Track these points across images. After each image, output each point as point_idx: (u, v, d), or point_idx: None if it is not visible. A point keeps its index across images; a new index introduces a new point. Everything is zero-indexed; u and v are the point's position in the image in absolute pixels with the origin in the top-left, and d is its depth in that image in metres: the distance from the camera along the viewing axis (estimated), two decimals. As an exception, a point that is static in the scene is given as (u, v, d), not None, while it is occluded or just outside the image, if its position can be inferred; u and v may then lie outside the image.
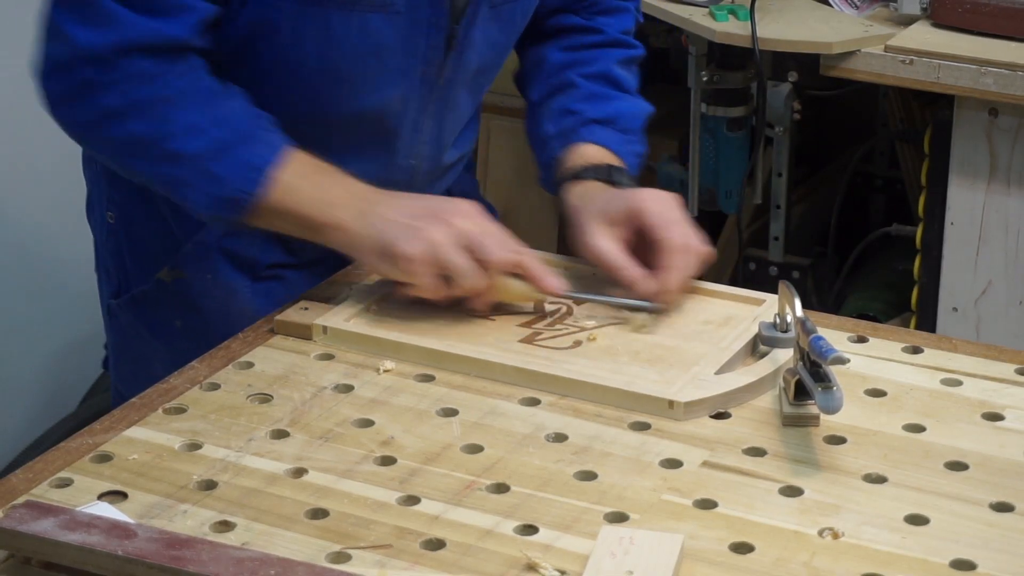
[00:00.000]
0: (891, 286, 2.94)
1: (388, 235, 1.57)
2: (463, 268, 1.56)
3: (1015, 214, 2.57)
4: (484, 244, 1.57)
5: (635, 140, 1.83)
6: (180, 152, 1.58)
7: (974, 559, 1.24)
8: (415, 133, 1.76)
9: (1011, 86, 2.46)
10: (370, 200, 1.61)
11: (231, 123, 1.61)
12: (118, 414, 1.46)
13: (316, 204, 1.60)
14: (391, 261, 1.58)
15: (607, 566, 1.20)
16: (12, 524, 1.22)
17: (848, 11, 2.72)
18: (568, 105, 1.83)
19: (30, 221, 2.94)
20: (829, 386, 1.39)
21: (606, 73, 1.86)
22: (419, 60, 1.70)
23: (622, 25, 1.91)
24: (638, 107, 1.87)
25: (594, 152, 1.78)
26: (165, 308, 1.80)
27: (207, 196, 1.60)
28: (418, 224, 1.57)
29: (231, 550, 1.20)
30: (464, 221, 1.58)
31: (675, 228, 1.63)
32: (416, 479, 1.35)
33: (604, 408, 1.47)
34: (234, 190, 1.59)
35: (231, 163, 1.59)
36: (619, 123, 1.82)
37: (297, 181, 1.60)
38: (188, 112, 1.59)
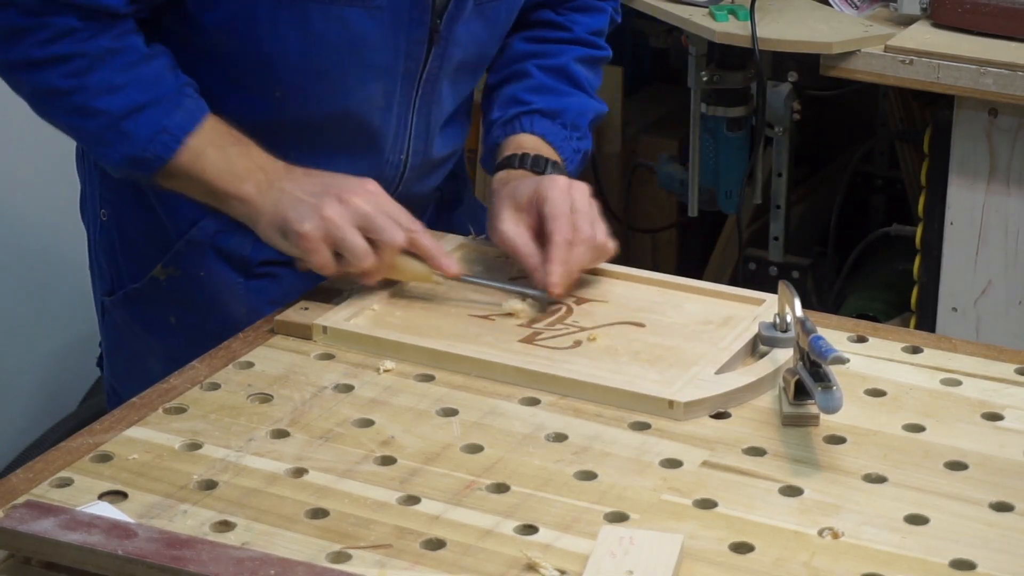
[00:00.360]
0: (891, 286, 2.94)
1: (285, 211, 1.61)
2: (355, 247, 1.59)
3: (1015, 214, 2.57)
4: (378, 224, 1.60)
5: (579, 136, 1.83)
6: (94, 108, 1.63)
7: (974, 559, 1.24)
8: (401, 129, 1.77)
9: (1011, 86, 2.45)
10: (274, 174, 1.65)
11: (150, 85, 1.64)
12: (118, 414, 1.46)
13: (222, 174, 1.64)
14: (286, 237, 1.61)
15: (607, 566, 1.21)
16: (12, 524, 1.22)
17: (848, 11, 2.72)
18: (517, 93, 1.84)
19: (29, 221, 2.94)
20: (829, 386, 1.39)
21: (563, 67, 1.86)
22: (401, 55, 1.71)
23: (594, 25, 1.91)
24: (588, 105, 1.87)
25: (530, 142, 1.79)
26: (159, 305, 1.82)
27: (118, 154, 1.64)
28: (315, 201, 1.60)
29: (231, 550, 1.20)
30: (362, 200, 1.61)
31: (562, 220, 1.63)
32: (416, 479, 1.35)
33: (604, 408, 1.47)
34: (143, 151, 1.63)
35: (143, 124, 1.63)
36: (564, 117, 1.82)
37: (207, 149, 1.64)
38: (107, 71, 1.63)
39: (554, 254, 1.63)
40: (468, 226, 1.84)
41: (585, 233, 1.64)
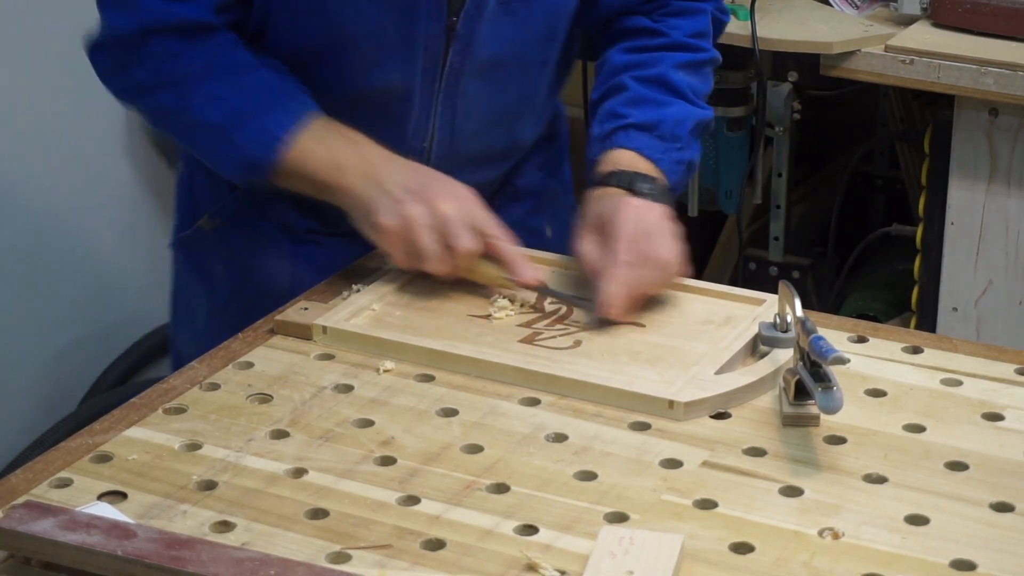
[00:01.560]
0: (891, 286, 2.94)
1: (374, 201, 1.65)
2: (428, 250, 1.62)
3: (1015, 214, 2.57)
4: (454, 231, 1.62)
5: (679, 147, 1.79)
6: (201, 121, 1.70)
7: (974, 559, 1.24)
8: (423, 118, 1.78)
9: (1011, 86, 2.45)
10: (377, 165, 1.68)
11: (250, 93, 1.70)
12: (118, 414, 1.46)
13: (327, 167, 1.69)
14: (371, 228, 1.65)
15: (607, 566, 1.20)
16: (12, 524, 1.22)
17: (848, 11, 2.72)
18: (614, 108, 1.81)
19: (30, 221, 2.94)
20: (829, 386, 1.39)
21: (661, 77, 1.82)
22: (419, 48, 1.73)
23: (693, 27, 1.87)
24: (688, 113, 1.82)
25: (626, 157, 1.76)
26: (206, 254, 1.90)
27: (229, 160, 1.71)
28: (402, 197, 1.64)
29: (231, 550, 1.20)
30: (447, 203, 1.63)
31: (622, 242, 1.62)
32: (416, 479, 1.35)
33: (604, 408, 1.47)
34: (250, 155, 1.69)
35: (248, 130, 1.69)
36: (660, 129, 1.78)
37: (312, 145, 1.69)
38: (209, 84, 1.69)
39: (612, 274, 1.61)
40: (545, 228, 1.84)
41: (647, 255, 1.63)
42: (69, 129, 2.95)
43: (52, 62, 2.88)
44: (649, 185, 1.72)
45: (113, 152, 3.09)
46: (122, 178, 3.11)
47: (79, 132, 2.98)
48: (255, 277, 1.85)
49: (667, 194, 1.73)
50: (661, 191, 1.72)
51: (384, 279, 1.70)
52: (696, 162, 1.83)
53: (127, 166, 3.12)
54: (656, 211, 1.67)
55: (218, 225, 1.87)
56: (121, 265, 3.12)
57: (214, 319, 1.88)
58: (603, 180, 1.74)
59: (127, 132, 3.10)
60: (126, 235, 3.13)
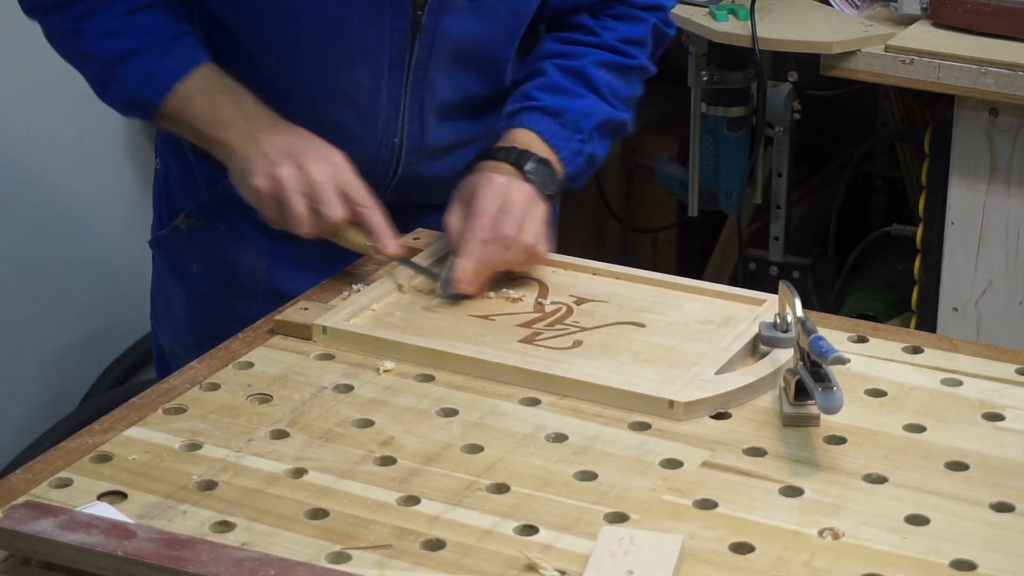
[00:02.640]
0: (891, 286, 2.94)
1: (249, 161, 1.68)
2: (294, 212, 1.66)
3: (1015, 214, 2.57)
4: (323, 196, 1.66)
5: (581, 138, 1.81)
6: (92, 52, 1.74)
7: (974, 559, 1.24)
8: (393, 112, 1.79)
9: (1011, 86, 2.45)
10: (257, 124, 1.71)
11: (144, 32, 1.73)
12: (118, 414, 1.46)
13: (207, 119, 1.73)
14: (245, 187, 1.70)
15: (607, 566, 1.20)
16: (12, 524, 1.22)
17: (848, 11, 2.72)
18: (528, 89, 1.84)
19: (30, 222, 2.94)
20: (829, 386, 1.39)
21: (580, 69, 1.85)
22: (386, 42, 1.74)
23: (628, 33, 1.89)
24: (597, 108, 1.84)
25: (524, 137, 1.78)
26: (183, 252, 1.91)
27: (114, 95, 1.76)
28: (276, 159, 1.67)
29: (231, 550, 1.20)
30: (318, 168, 1.66)
31: (480, 218, 1.65)
32: (416, 479, 1.35)
33: (604, 408, 1.47)
34: (134, 93, 1.73)
35: (135, 68, 1.73)
36: (565, 116, 1.81)
37: (195, 95, 1.72)
38: (105, 17, 1.73)
39: (465, 249, 1.65)
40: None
41: (502, 232, 1.65)
42: (69, 129, 2.95)
43: (52, 62, 2.88)
44: (535, 164, 1.74)
45: (113, 152, 3.09)
46: (122, 178, 3.11)
47: (79, 132, 2.98)
48: (232, 274, 1.87)
49: (555, 179, 1.76)
50: (549, 174, 1.75)
51: (384, 279, 1.70)
52: (599, 158, 1.85)
53: (127, 166, 3.12)
54: (521, 190, 1.69)
55: (194, 224, 1.88)
56: (121, 265, 3.12)
57: (191, 315, 1.90)
58: (491, 154, 1.76)
59: (127, 132, 3.10)
60: (126, 235, 3.13)
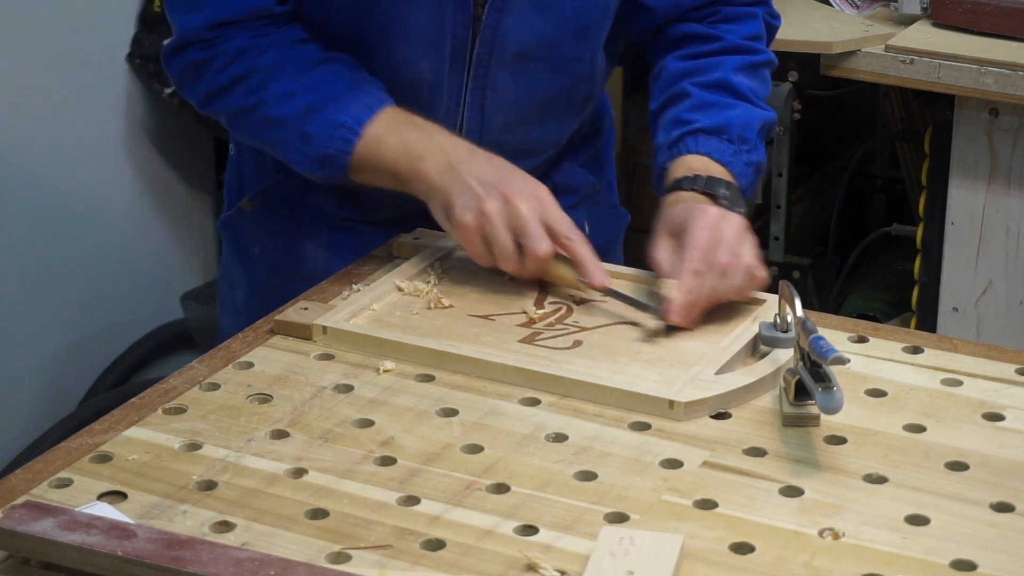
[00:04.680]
0: (891, 286, 2.94)
1: (453, 194, 1.65)
2: (502, 249, 1.63)
3: (1015, 214, 2.57)
4: (529, 231, 1.62)
5: (747, 149, 1.78)
6: (275, 117, 1.72)
7: (974, 559, 1.24)
8: (452, 105, 1.80)
9: (1012, 86, 2.45)
10: (455, 155, 1.68)
11: (322, 87, 1.72)
12: (118, 414, 1.46)
13: (403, 156, 1.69)
14: (448, 221, 1.66)
15: (607, 566, 1.20)
16: (11, 524, 1.22)
17: (848, 11, 2.72)
18: (679, 115, 1.80)
19: (30, 222, 2.95)
20: (829, 386, 1.39)
21: (722, 81, 1.82)
22: (447, 35, 1.75)
23: (746, 31, 1.87)
24: (753, 115, 1.81)
25: (698, 162, 1.75)
26: (246, 234, 1.93)
27: (304, 156, 1.72)
28: (482, 192, 1.64)
29: (231, 550, 1.20)
30: (524, 203, 1.63)
31: (695, 251, 1.60)
32: (416, 479, 1.35)
33: (604, 408, 1.47)
34: (325, 148, 1.70)
35: (320, 123, 1.70)
36: (729, 132, 1.77)
37: (386, 136, 1.70)
38: (281, 81, 1.72)
39: (678, 283, 1.60)
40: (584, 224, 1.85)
41: (718, 262, 1.60)
42: (69, 130, 2.95)
43: (53, 62, 2.89)
44: (725, 189, 1.71)
45: (113, 152, 3.09)
46: (122, 178, 3.11)
47: (79, 133, 2.98)
48: (291, 260, 1.88)
49: (741, 197, 1.73)
50: (736, 194, 1.72)
51: (384, 279, 1.70)
52: (764, 164, 1.82)
53: (127, 166, 3.13)
54: (732, 221, 1.65)
55: (258, 207, 1.89)
56: (121, 265, 3.12)
57: (252, 299, 1.91)
58: (678, 185, 1.73)
59: (127, 132, 3.10)
60: (126, 235, 3.13)
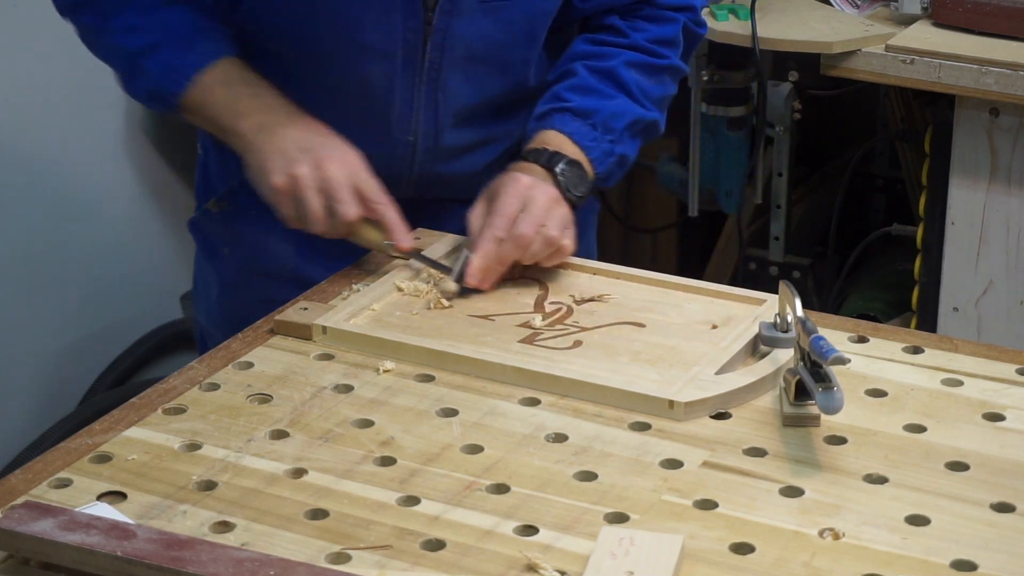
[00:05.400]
0: (891, 286, 2.94)
1: (268, 158, 1.70)
2: (310, 211, 1.68)
3: (1016, 214, 2.56)
4: (338, 195, 1.67)
5: (611, 139, 1.82)
6: (117, 45, 1.79)
7: (975, 559, 1.24)
8: (407, 110, 1.80)
9: (1012, 86, 2.45)
10: (274, 116, 1.73)
11: (169, 27, 1.77)
12: (117, 414, 1.46)
13: (225, 110, 1.75)
14: (262, 183, 1.72)
15: (607, 566, 1.20)
16: (11, 524, 1.22)
17: (848, 11, 2.72)
18: (558, 91, 1.85)
19: (30, 222, 2.94)
20: (830, 386, 1.39)
21: (610, 70, 1.86)
22: (398, 41, 1.75)
23: (659, 33, 1.90)
24: (628, 109, 1.85)
25: (555, 139, 1.80)
26: (215, 235, 1.95)
27: (139, 88, 1.80)
28: (294, 156, 1.69)
29: (231, 551, 1.20)
30: (335, 167, 1.68)
31: (499, 217, 1.67)
32: (416, 479, 1.35)
33: (604, 408, 1.47)
34: (157, 85, 1.77)
35: (158, 62, 1.76)
36: (595, 118, 1.82)
37: (217, 87, 1.75)
38: (129, 13, 1.77)
39: (477, 246, 1.67)
40: None
41: (520, 231, 1.67)
42: (69, 129, 2.95)
43: (52, 62, 2.88)
44: (565, 166, 1.76)
45: (113, 152, 3.09)
46: (122, 178, 3.11)
47: (79, 132, 2.98)
48: (260, 259, 1.89)
49: (586, 180, 1.78)
50: (579, 176, 1.77)
51: (384, 279, 1.70)
52: (630, 159, 1.86)
53: (127, 166, 3.12)
54: (544, 191, 1.71)
55: (224, 208, 1.91)
56: (121, 265, 3.12)
57: (223, 295, 1.94)
58: (524, 156, 1.78)
59: (127, 132, 3.10)
60: (126, 235, 3.13)
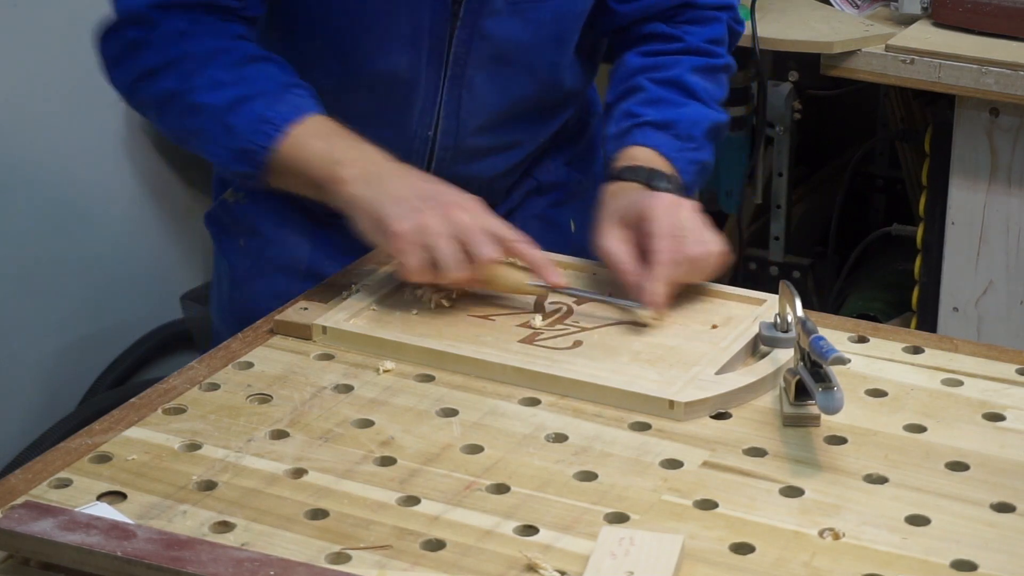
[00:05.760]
0: (891, 286, 2.94)
1: (386, 206, 1.61)
2: (449, 257, 1.58)
3: (1016, 214, 2.56)
4: (475, 238, 1.59)
5: (693, 147, 1.81)
6: (201, 104, 1.67)
7: (975, 560, 1.24)
8: (429, 104, 1.79)
9: (1012, 86, 2.45)
10: (378, 166, 1.65)
11: (254, 82, 1.68)
12: (118, 414, 1.46)
13: (323, 161, 1.65)
14: (382, 233, 1.61)
15: (607, 567, 1.20)
16: (11, 525, 1.22)
17: (849, 10, 2.72)
18: (630, 107, 1.82)
19: (30, 222, 2.94)
20: (830, 386, 1.39)
21: (677, 79, 1.84)
22: (424, 32, 1.74)
23: (709, 34, 1.89)
24: (703, 115, 1.84)
25: (643, 154, 1.77)
26: (231, 227, 1.91)
27: (223, 148, 1.68)
28: (417, 204, 1.60)
29: (231, 551, 1.20)
30: (462, 213, 1.61)
31: (667, 240, 1.62)
32: (416, 479, 1.35)
33: (604, 408, 1.47)
34: (246, 141, 1.66)
35: (246, 115, 1.66)
36: (676, 128, 1.80)
37: (309, 139, 1.66)
38: (214, 69, 1.67)
39: (658, 273, 1.60)
40: (569, 222, 1.84)
41: (691, 253, 1.62)
42: (69, 130, 2.95)
43: (52, 62, 2.88)
44: (666, 182, 1.73)
45: (113, 152, 3.09)
46: (122, 179, 3.11)
47: (79, 133, 2.98)
48: (274, 252, 1.87)
49: (682, 192, 1.74)
50: (677, 188, 1.74)
51: (384, 279, 1.70)
52: (710, 164, 1.84)
53: (127, 167, 3.12)
54: (688, 207, 1.67)
55: (240, 200, 1.88)
56: (121, 265, 3.12)
57: (234, 291, 1.91)
58: (619, 175, 1.75)
59: (127, 132, 3.10)
60: (126, 235, 3.13)
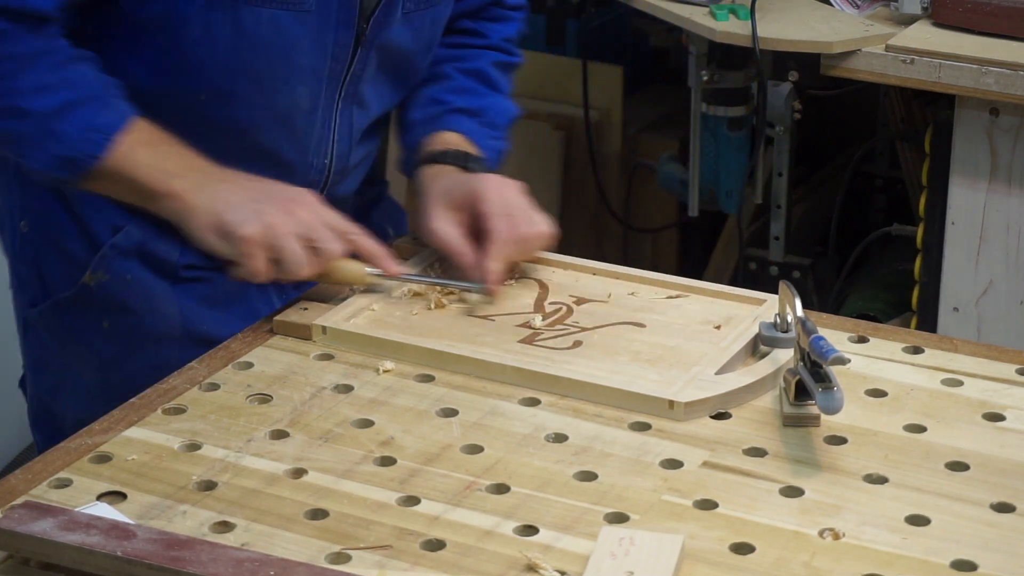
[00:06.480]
0: (891, 286, 2.94)
1: (227, 214, 1.62)
2: (295, 256, 1.60)
3: (1016, 214, 2.56)
4: (320, 234, 1.62)
5: (498, 136, 1.87)
6: (26, 109, 1.61)
7: (975, 560, 1.24)
8: (325, 132, 1.78)
9: (1012, 86, 2.45)
10: (210, 175, 1.66)
11: (80, 85, 1.64)
12: (117, 414, 1.46)
13: (154, 172, 1.64)
14: (227, 239, 1.62)
15: (607, 567, 1.20)
16: (11, 525, 1.22)
17: (849, 10, 2.72)
18: (437, 95, 1.87)
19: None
20: (830, 386, 1.39)
21: (481, 71, 1.91)
22: (327, 57, 1.73)
23: (505, 32, 1.96)
24: (506, 106, 1.92)
25: (454, 139, 1.82)
26: (91, 311, 1.79)
27: (48, 155, 1.63)
28: (259, 207, 1.62)
29: (231, 551, 1.20)
30: (304, 210, 1.63)
31: (500, 219, 1.67)
32: (416, 479, 1.35)
33: (604, 408, 1.47)
34: (75, 150, 1.62)
35: (75, 123, 1.62)
36: (485, 116, 1.86)
37: (138, 148, 1.64)
38: (37, 72, 1.62)
39: (494, 252, 1.66)
40: (387, 228, 1.87)
41: (524, 232, 1.68)
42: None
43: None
44: (479, 166, 1.79)
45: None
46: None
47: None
48: (145, 323, 1.77)
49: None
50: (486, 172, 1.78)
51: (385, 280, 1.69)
52: (505, 154, 1.90)
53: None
54: (514, 187, 1.72)
55: (100, 279, 1.77)
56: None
57: (105, 374, 1.79)
58: (434, 158, 1.79)
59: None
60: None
